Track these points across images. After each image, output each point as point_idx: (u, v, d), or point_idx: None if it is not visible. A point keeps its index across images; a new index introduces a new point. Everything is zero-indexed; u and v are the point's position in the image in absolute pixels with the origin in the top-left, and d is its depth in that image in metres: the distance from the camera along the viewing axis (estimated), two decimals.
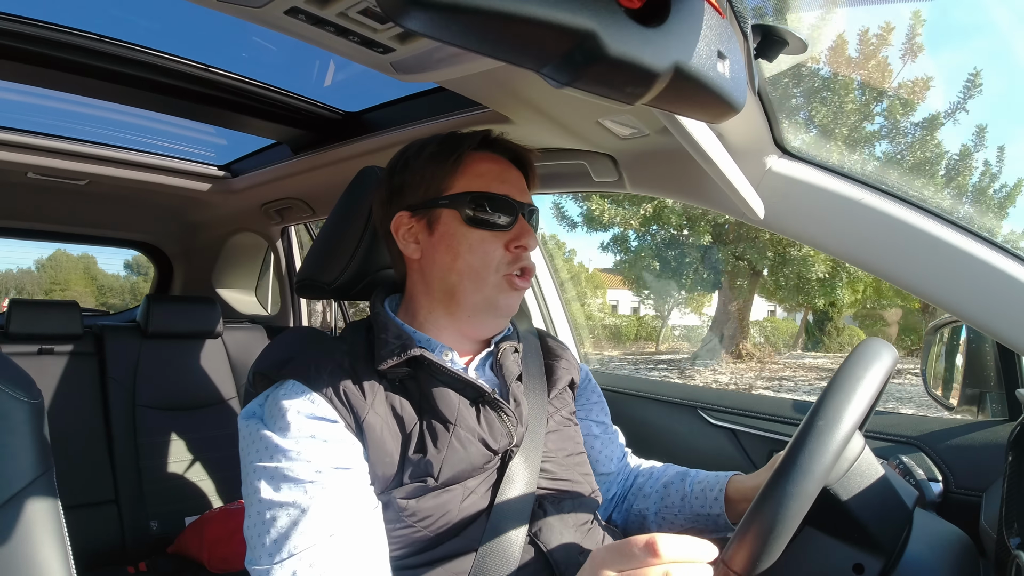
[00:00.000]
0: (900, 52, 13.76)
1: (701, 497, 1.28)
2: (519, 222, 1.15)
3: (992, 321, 1.14)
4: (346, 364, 1.06)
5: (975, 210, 14.38)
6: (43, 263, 38.97)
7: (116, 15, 1.76)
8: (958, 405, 1.53)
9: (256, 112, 2.08)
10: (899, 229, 1.20)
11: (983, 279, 1.13)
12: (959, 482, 1.33)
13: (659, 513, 1.33)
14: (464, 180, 1.14)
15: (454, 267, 1.13)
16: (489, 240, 1.13)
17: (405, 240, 1.18)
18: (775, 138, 1.31)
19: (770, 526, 0.79)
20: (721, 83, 0.64)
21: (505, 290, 1.14)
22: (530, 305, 2.41)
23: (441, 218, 1.14)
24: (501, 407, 1.11)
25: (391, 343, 1.09)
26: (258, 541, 0.92)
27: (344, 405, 1.01)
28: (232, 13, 0.96)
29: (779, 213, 1.34)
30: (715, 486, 1.27)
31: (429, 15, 0.45)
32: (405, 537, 1.01)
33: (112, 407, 2.60)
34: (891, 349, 0.93)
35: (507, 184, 1.16)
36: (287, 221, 3.09)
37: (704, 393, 1.87)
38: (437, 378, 1.08)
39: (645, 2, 0.54)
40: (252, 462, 0.97)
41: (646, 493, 1.37)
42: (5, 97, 2.12)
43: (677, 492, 1.32)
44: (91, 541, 2.37)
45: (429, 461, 1.01)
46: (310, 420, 0.98)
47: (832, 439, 0.81)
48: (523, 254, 1.15)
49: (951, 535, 1.04)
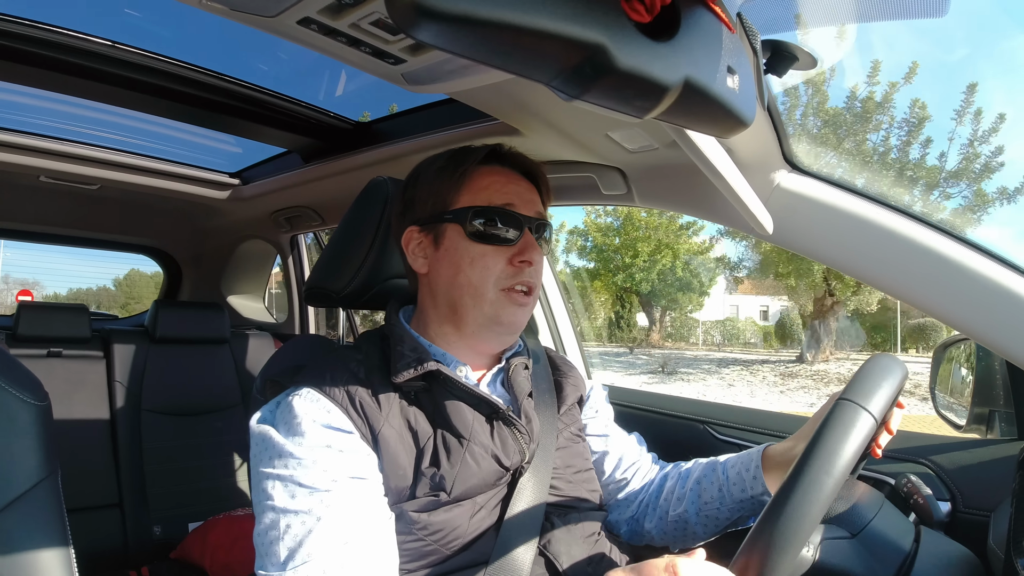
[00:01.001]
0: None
1: (739, 481, 1.23)
2: (524, 236, 1.14)
3: (1001, 339, 1.13)
4: (361, 374, 1.06)
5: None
6: (120, 281, 40.57)
7: (131, 22, 1.78)
8: (966, 424, 1.52)
9: (268, 120, 2.09)
10: (908, 246, 1.20)
11: (992, 297, 1.12)
12: (967, 501, 1.32)
13: (700, 512, 1.27)
14: (469, 195, 1.14)
15: (455, 281, 1.13)
16: (491, 254, 1.12)
17: (414, 255, 1.18)
18: (784, 153, 1.30)
19: (781, 538, 0.79)
20: (730, 98, 0.64)
21: (506, 305, 1.13)
22: (537, 321, 2.41)
23: (446, 233, 1.14)
24: (515, 424, 1.11)
25: (407, 356, 1.09)
26: (271, 548, 0.91)
27: (360, 416, 1.01)
28: (245, 23, 0.96)
29: (788, 229, 1.33)
30: (750, 464, 1.23)
31: (440, 27, 0.45)
32: (416, 550, 1.01)
33: (118, 411, 2.61)
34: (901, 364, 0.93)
35: (512, 197, 1.15)
36: (296, 229, 3.10)
37: (712, 409, 1.86)
38: (452, 393, 1.08)
39: (655, 16, 0.54)
40: (265, 469, 0.97)
41: (680, 496, 1.30)
42: (19, 101, 2.14)
43: (713, 484, 1.26)
44: (94, 544, 2.37)
45: (442, 476, 1.01)
46: (326, 429, 0.98)
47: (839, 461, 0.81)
48: (526, 269, 1.14)
49: (959, 555, 1.04)
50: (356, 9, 0.91)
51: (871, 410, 0.85)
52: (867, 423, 0.84)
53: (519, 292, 1.14)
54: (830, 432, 0.84)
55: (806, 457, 0.82)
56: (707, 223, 22.68)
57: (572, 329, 2.46)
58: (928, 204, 14.95)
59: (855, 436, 0.83)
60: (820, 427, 0.85)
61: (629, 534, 1.38)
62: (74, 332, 2.65)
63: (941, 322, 1.20)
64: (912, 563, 0.93)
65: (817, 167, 1.32)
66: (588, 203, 1.85)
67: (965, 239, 1.17)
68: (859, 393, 0.87)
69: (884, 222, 1.23)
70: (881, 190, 1.39)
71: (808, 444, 0.84)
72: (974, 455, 1.38)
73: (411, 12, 0.44)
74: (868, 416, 0.85)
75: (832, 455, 0.81)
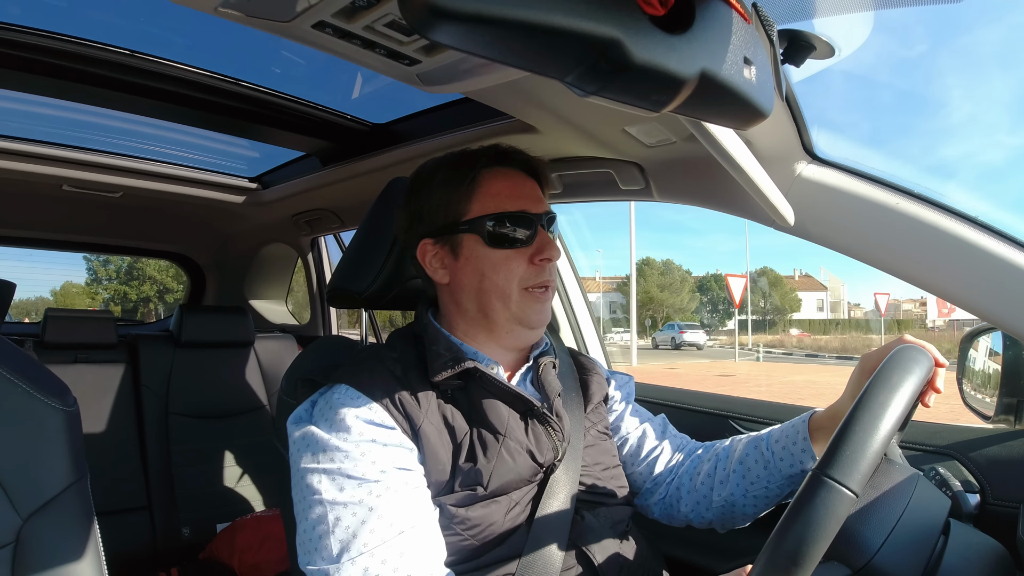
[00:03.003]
0: None
1: (787, 457, 1.19)
2: (539, 234, 1.15)
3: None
4: (399, 372, 1.09)
5: None
6: (56, 292, 41.70)
7: (149, 31, 1.80)
8: (995, 414, 1.50)
9: (286, 125, 2.11)
10: (933, 235, 1.18)
11: (1018, 285, 1.10)
12: (996, 493, 1.30)
13: (748, 492, 1.24)
14: (480, 202, 1.14)
15: (482, 287, 1.14)
16: (513, 257, 1.14)
17: (432, 267, 1.19)
18: (804, 144, 1.29)
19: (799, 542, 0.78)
20: (748, 89, 0.64)
21: (530, 303, 1.15)
22: (557, 315, 2.40)
23: (463, 242, 1.15)
24: (549, 421, 1.13)
25: (443, 355, 1.11)
26: (321, 542, 0.92)
27: (400, 412, 1.02)
28: (261, 28, 0.97)
29: (810, 220, 1.32)
30: (796, 437, 1.19)
31: (454, 27, 0.45)
32: (452, 544, 1.02)
33: (145, 415, 2.65)
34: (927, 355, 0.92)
35: (522, 199, 1.16)
36: (317, 232, 3.12)
37: (735, 403, 1.85)
38: (488, 390, 1.10)
39: (669, 9, 0.54)
40: (307, 464, 0.98)
41: (723, 479, 1.27)
42: (41, 112, 2.18)
43: (758, 463, 1.23)
44: (123, 547, 2.41)
45: (479, 470, 1.03)
46: (369, 425, 0.99)
47: (868, 448, 0.80)
48: (547, 266, 1.16)
49: (988, 547, 1.02)
50: (370, 11, 0.91)
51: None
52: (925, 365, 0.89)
53: (539, 289, 1.15)
54: (887, 375, 0.86)
55: (866, 393, 0.84)
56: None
57: (591, 322, 2.46)
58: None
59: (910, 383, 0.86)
60: (878, 372, 0.87)
61: (663, 516, 1.36)
62: (100, 339, 2.69)
63: (967, 311, 1.19)
64: (941, 556, 0.92)
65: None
66: (606, 199, 1.84)
67: (990, 227, 1.15)
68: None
69: (908, 211, 1.21)
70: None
71: (868, 383, 0.86)
72: (1003, 446, 1.36)
73: (424, 13, 0.44)
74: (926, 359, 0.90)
75: (888, 397, 0.84)
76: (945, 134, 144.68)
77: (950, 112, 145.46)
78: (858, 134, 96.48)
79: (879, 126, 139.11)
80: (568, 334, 2.40)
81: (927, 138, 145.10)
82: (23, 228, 3.11)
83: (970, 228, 1.16)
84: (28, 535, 0.93)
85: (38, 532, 0.93)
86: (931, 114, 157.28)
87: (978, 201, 14.31)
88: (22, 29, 1.57)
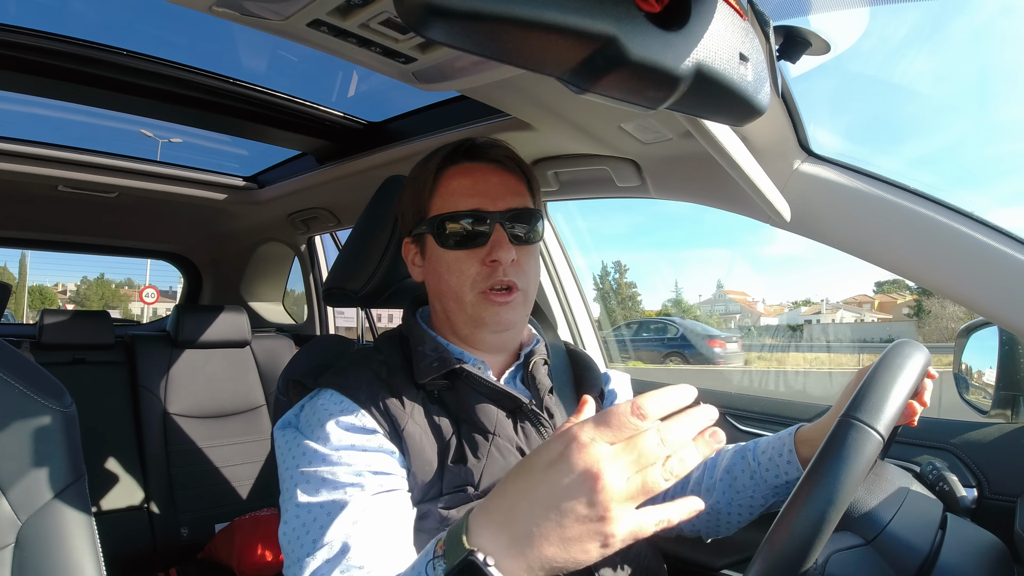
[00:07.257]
0: None
1: (772, 468, 1.19)
2: (494, 235, 1.09)
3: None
4: (384, 375, 1.07)
5: None
6: None
7: (142, 30, 1.80)
8: (991, 409, 1.50)
9: (281, 124, 2.10)
10: (929, 231, 1.18)
11: (1015, 281, 1.10)
12: (993, 487, 1.30)
13: (734, 501, 1.23)
14: (439, 201, 1.11)
15: (439, 289, 1.13)
16: (464, 259, 1.09)
17: (413, 264, 1.20)
18: (800, 140, 1.29)
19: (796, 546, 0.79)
20: (743, 85, 0.64)
21: (486, 307, 1.10)
22: (554, 311, 2.40)
23: (427, 242, 1.14)
24: (538, 418, 1.11)
25: (429, 355, 1.10)
26: (296, 543, 0.92)
27: (384, 415, 1.01)
28: (256, 26, 0.97)
29: (806, 216, 1.32)
30: (782, 449, 1.19)
31: (449, 24, 0.45)
32: None
33: (143, 415, 2.64)
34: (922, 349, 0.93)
35: (479, 196, 1.10)
36: (313, 231, 3.12)
37: (732, 399, 1.85)
38: (476, 390, 1.09)
39: (665, 6, 0.54)
40: (290, 470, 0.98)
41: (708, 487, 1.27)
42: (35, 112, 2.17)
43: (744, 472, 1.23)
44: (122, 547, 2.41)
45: (469, 470, 1.02)
46: (350, 430, 0.98)
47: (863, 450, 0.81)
48: (499, 268, 1.09)
49: (985, 541, 1.02)
50: (365, 9, 0.91)
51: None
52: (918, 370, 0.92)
53: (496, 292, 1.10)
54: (898, 348, 0.93)
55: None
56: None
57: (589, 318, 2.45)
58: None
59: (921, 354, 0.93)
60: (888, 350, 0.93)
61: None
62: (98, 339, 2.68)
63: (964, 306, 1.19)
64: (938, 551, 0.92)
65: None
66: (603, 196, 1.84)
67: (985, 222, 1.16)
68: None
69: (903, 207, 1.21)
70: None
71: (884, 352, 0.91)
72: (1000, 440, 1.36)
73: (420, 10, 0.44)
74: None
75: (906, 359, 0.91)
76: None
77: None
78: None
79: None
80: (565, 330, 2.39)
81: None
82: (19, 229, 3.10)
83: (966, 223, 1.16)
84: (27, 536, 0.93)
85: (36, 533, 0.93)
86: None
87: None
88: (16, 29, 1.56)
